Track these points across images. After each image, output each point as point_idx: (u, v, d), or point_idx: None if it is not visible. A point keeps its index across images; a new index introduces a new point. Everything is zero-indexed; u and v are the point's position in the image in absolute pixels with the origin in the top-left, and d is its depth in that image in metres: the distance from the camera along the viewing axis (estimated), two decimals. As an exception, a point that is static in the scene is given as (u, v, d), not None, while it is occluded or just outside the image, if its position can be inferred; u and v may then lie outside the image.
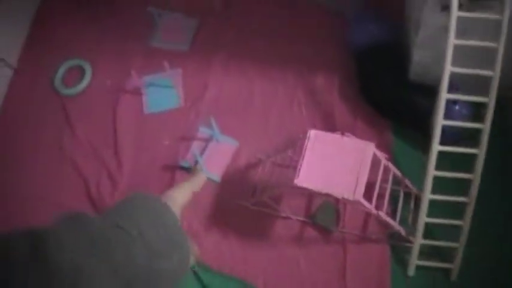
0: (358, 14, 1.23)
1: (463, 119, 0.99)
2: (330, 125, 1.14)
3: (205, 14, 1.35)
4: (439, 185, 0.95)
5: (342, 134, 0.93)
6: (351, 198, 0.87)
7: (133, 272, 0.53)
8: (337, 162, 0.90)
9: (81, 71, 1.30)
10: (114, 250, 0.53)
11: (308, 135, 0.93)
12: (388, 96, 1.12)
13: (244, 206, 1.07)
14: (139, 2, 1.38)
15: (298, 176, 0.90)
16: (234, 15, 1.34)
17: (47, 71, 1.32)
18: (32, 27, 1.41)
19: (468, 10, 0.88)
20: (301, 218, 1.06)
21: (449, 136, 0.95)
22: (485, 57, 0.89)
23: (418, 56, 1.05)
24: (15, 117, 1.26)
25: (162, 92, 1.24)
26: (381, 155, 0.93)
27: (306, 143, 0.92)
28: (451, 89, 0.92)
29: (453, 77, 0.91)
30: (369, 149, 0.90)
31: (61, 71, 1.31)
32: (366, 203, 0.88)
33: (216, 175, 1.11)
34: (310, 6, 1.32)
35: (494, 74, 0.88)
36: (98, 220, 0.57)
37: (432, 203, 0.95)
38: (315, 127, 1.12)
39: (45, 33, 1.39)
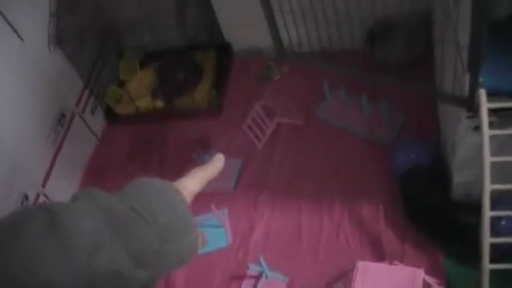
0: (396, 141, 1.26)
1: (512, 233, 0.96)
2: (378, 253, 1.12)
3: (249, 154, 1.40)
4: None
5: (390, 262, 0.92)
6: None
7: (145, 256, 0.55)
8: (387, 291, 0.89)
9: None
10: (129, 232, 0.55)
11: (356, 266, 0.93)
12: (434, 218, 1.11)
13: None
14: (187, 150, 1.44)
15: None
16: (277, 152, 1.39)
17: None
18: (84, 175, 1.50)
19: (500, 128, 0.90)
20: None
21: (503, 251, 0.93)
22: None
23: (458, 177, 1.05)
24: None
25: (210, 232, 1.26)
26: (432, 280, 0.92)
27: (354, 275, 0.92)
28: (496, 205, 0.91)
29: (497, 192, 0.90)
30: (418, 276, 0.89)
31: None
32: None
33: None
34: (351, 138, 1.35)
35: (537, 187, 0.87)
36: (114, 199, 0.59)
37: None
38: (363, 256, 1.11)
39: (98, 181, 1.46)
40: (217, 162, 0.75)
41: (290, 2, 1.09)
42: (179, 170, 1.39)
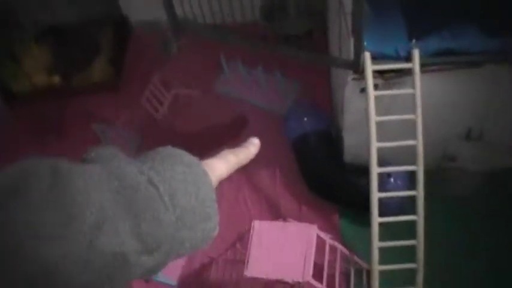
0: (291, 109, 1.30)
1: (400, 190, 1.02)
2: (277, 215, 1.17)
3: (148, 126, 1.40)
4: (391, 256, 0.96)
5: (284, 220, 0.96)
6: (300, 280, 0.89)
7: (156, 241, 0.49)
8: (284, 248, 0.93)
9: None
10: (143, 210, 0.48)
11: (252, 226, 0.96)
12: (328, 181, 1.16)
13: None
14: (84, 123, 1.42)
15: (247, 267, 0.92)
16: (176, 124, 1.40)
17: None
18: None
19: (384, 89, 0.95)
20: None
21: (392, 208, 0.98)
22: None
23: (348, 139, 1.11)
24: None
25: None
26: (325, 236, 0.96)
27: (251, 235, 0.95)
28: (386, 165, 0.96)
29: (387, 153, 0.95)
30: (311, 231, 0.93)
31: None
32: (316, 283, 0.90)
33: (172, 279, 1.12)
34: (248, 108, 1.38)
35: (417, 142, 0.93)
36: (134, 167, 0.50)
37: (383, 274, 0.96)
38: (261, 218, 1.15)
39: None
40: (250, 148, 0.64)
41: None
42: (79, 143, 1.39)
